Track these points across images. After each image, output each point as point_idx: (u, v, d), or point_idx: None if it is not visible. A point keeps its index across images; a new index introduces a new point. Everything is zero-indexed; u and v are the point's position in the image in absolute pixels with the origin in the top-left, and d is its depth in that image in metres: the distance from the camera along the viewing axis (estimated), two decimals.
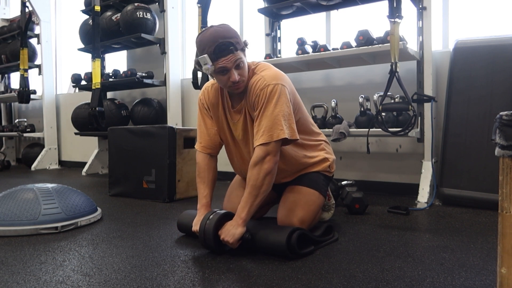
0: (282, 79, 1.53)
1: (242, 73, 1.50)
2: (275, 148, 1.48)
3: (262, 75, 1.52)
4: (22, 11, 4.89)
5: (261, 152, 1.47)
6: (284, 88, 1.51)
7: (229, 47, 1.43)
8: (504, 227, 0.81)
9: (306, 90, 3.22)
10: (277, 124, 1.46)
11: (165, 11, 3.86)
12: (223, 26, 1.49)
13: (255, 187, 1.46)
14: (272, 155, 1.47)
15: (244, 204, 1.46)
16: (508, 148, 0.78)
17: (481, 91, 2.35)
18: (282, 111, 1.48)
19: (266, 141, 1.46)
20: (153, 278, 1.28)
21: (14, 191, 1.99)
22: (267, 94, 1.48)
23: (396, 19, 2.22)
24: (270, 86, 1.49)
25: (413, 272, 1.30)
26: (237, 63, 1.47)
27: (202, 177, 1.68)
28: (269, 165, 1.47)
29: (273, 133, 1.46)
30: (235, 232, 1.43)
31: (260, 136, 1.48)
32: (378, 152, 2.90)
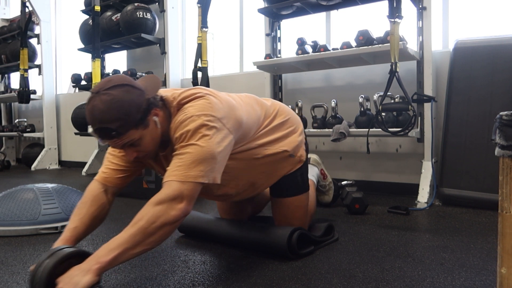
0: (213, 109, 1.21)
1: (142, 148, 1.21)
2: (191, 193, 1.14)
3: (187, 108, 1.22)
4: (22, 11, 4.89)
5: (172, 191, 1.12)
6: (215, 120, 1.20)
7: (110, 133, 1.13)
8: (504, 227, 0.81)
9: (306, 90, 3.22)
10: (198, 163, 1.15)
11: (165, 11, 3.86)
12: (106, 101, 1.11)
13: (144, 232, 1.07)
14: (186, 202, 1.13)
15: (115, 246, 1.05)
16: (508, 148, 0.78)
17: (481, 91, 2.35)
18: (208, 148, 1.16)
19: (180, 179, 1.13)
20: (153, 278, 1.28)
21: (14, 191, 1.99)
22: (190, 127, 1.17)
23: (396, 19, 2.22)
24: (194, 117, 1.18)
25: (413, 272, 1.30)
26: (128, 144, 1.18)
27: (79, 207, 1.30)
28: (176, 214, 1.11)
29: (191, 173, 1.14)
30: (80, 281, 0.99)
31: (174, 171, 1.15)
32: (378, 152, 2.90)
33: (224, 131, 1.22)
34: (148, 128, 1.19)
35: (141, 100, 1.16)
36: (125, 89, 1.14)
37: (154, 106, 1.20)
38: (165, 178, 1.16)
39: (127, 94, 1.13)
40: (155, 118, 1.21)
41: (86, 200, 1.32)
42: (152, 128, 1.21)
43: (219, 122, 1.21)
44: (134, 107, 1.14)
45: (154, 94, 1.22)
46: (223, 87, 3.65)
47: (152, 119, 1.20)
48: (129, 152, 1.22)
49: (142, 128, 1.18)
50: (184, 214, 1.14)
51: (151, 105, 1.19)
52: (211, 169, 1.17)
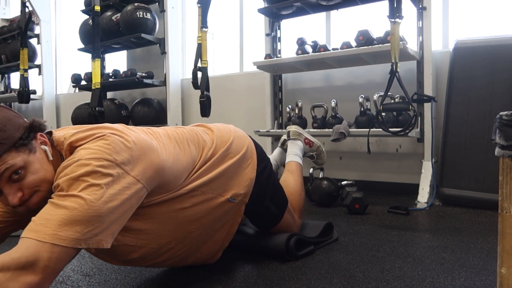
0: (111, 152, 0.91)
1: (28, 182, 0.89)
2: (53, 262, 0.80)
3: (78, 151, 0.92)
4: (22, 11, 4.88)
5: (24, 255, 0.78)
6: (110, 165, 0.89)
7: None
8: (504, 227, 0.81)
9: (306, 90, 3.22)
10: (77, 220, 0.82)
11: (165, 11, 3.86)
12: None
13: None
14: (40, 275, 0.79)
15: None
16: (508, 148, 0.78)
17: (481, 91, 2.35)
18: (93, 202, 0.84)
19: (42, 239, 0.79)
20: (153, 278, 1.28)
21: None
22: (73, 173, 0.86)
23: (396, 19, 2.22)
24: (81, 161, 0.88)
25: (413, 272, 1.30)
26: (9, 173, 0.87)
27: None
28: None
29: (60, 232, 0.80)
30: None
31: (37, 225, 0.82)
32: (378, 152, 2.90)
33: (126, 179, 0.91)
34: (35, 155, 0.91)
35: (20, 121, 0.92)
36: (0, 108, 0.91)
37: (39, 129, 0.95)
38: (24, 232, 0.82)
39: (2, 112, 0.90)
40: (44, 146, 0.95)
41: None
42: (42, 157, 0.93)
43: (119, 168, 0.90)
44: (11, 124, 0.89)
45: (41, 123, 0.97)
46: (223, 87, 3.65)
47: (39, 146, 0.94)
48: (11, 191, 0.88)
49: (26, 153, 0.89)
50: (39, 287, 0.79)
51: (35, 128, 0.94)
52: (93, 230, 0.84)
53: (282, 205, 1.44)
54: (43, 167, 0.92)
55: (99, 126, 1.00)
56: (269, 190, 1.37)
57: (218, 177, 1.19)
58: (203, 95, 2.91)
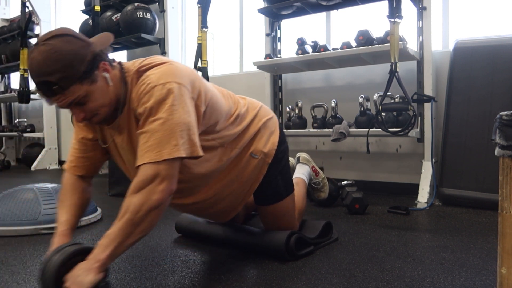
0: (176, 75, 1.12)
1: (91, 108, 1.10)
2: (169, 171, 1.06)
3: (148, 76, 1.12)
4: (22, 11, 4.88)
5: (148, 174, 1.05)
6: (180, 87, 1.10)
7: (51, 88, 1.02)
8: (504, 227, 0.81)
9: (306, 90, 3.22)
10: (170, 137, 1.05)
11: (165, 11, 3.86)
12: (44, 52, 1.01)
13: (132, 223, 1.03)
14: (166, 182, 1.06)
15: (109, 241, 1.03)
16: (508, 148, 0.78)
17: (481, 91, 2.35)
18: (177, 119, 1.07)
19: (154, 160, 1.05)
20: (153, 278, 1.28)
21: (14, 191, 1.99)
22: (155, 98, 1.07)
23: (396, 19, 2.22)
24: (158, 87, 1.08)
25: (413, 272, 1.30)
26: (74, 102, 1.07)
27: (62, 200, 1.27)
28: (159, 196, 1.05)
29: (164, 150, 1.05)
30: (84, 280, 1.00)
31: (146, 152, 1.06)
32: (378, 152, 2.90)
33: (190, 99, 1.13)
34: (96, 84, 1.08)
35: (86, 52, 1.06)
36: (65, 39, 1.04)
37: (102, 60, 1.10)
38: (137, 161, 1.07)
39: (69, 44, 1.03)
40: (105, 74, 1.10)
41: (66, 191, 1.29)
42: (102, 85, 1.10)
43: (185, 88, 1.11)
44: (77, 59, 1.03)
45: (103, 48, 1.12)
46: (223, 87, 3.63)
47: (101, 74, 1.09)
48: (76, 112, 1.10)
49: (88, 84, 1.06)
50: (168, 194, 1.07)
51: (98, 58, 1.08)
52: (185, 140, 1.08)
53: (289, 187, 1.51)
54: (102, 95, 1.11)
55: (157, 56, 1.21)
56: (282, 164, 1.48)
57: (244, 133, 1.37)
58: None
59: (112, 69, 1.14)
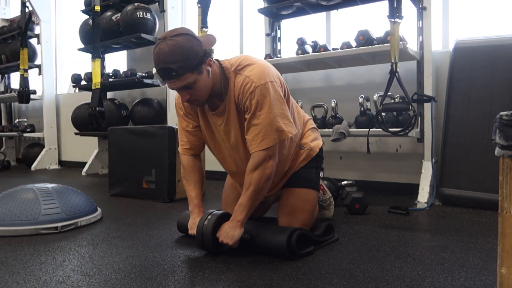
0: (269, 75, 1.44)
1: (194, 92, 1.42)
2: (274, 151, 1.45)
3: (248, 76, 1.43)
4: (22, 11, 4.89)
5: (261, 157, 1.43)
6: (274, 84, 1.43)
7: (171, 73, 1.35)
8: (504, 227, 0.81)
9: (306, 90, 3.22)
10: (275, 126, 1.42)
11: (165, 11, 3.86)
12: (170, 45, 1.33)
13: (256, 191, 1.43)
14: (272, 159, 1.45)
15: (243, 207, 1.44)
16: (508, 148, 0.78)
17: (481, 91, 2.35)
18: (278, 110, 1.43)
19: (264, 147, 1.42)
20: (153, 278, 1.28)
21: (14, 191, 1.99)
22: (259, 96, 1.41)
23: (396, 19, 2.22)
24: (260, 87, 1.41)
25: (413, 272, 1.30)
26: (185, 86, 1.39)
27: (188, 179, 1.65)
28: (270, 170, 1.44)
29: (272, 136, 1.42)
30: (234, 233, 1.42)
31: (260, 141, 1.42)
32: (378, 152, 2.90)
33: (280, 91, 1.45)
34: (202, 75, 1.39)
35: (199, 49, 1.36)
36: (187, 37, 1.35)
37: (209, 57, 1.40)
38: (250, 149, 1.45)
39: (188, 41, 1.34)
40: (209, 67, 1.41)
41: (188, 170, 1.65)
42: (205, 76, 1.41)
43: (276, 85, 1.44)
44: (193, 53, 1.34)
45: (210, 47, 1.42)
46: None
47: (206, 67, 1.40)
48: (183, 94, 1.42)
49: (197, 74, 1.37)
50: (275, 166, 1.46)
51: (207, 55, 1.39)
52: (285, 125, 1.44)
53: (317, 184, 1.73)
54: (204, 83, 1.42)
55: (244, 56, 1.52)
56: (317, 165, 1.75)
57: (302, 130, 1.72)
58: None
59: (214, 64, 1.45)
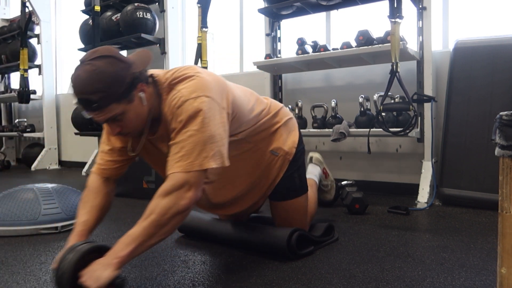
0: (208, 89, 1.18)
1: (125, 124, 1.17)
2: (198, 180, 1.13)
3: (179, 90, 1.18)
4: (22, 11, 4.89)
5: (178, 181, 1.11)
6: (211, 101, 1.16)
7: (91, 105, 1.10)
8: (504, 227, 0.81)
9: (306, 90, 3.22)
10: (201, 149, 1.12)
11: (165, 11, 3.86)
12: (88, 72, 1.08)
13: (157, 225, 1.08)
14: (193, 190, 1.12)
15: (131, 240, 1.06)
16: (508, 148, 0.78)
17: (481, 91, 2.35)
18: (210, 132, 1.14)
19: (185, 170, 1.11)
20: (153, 278, 1.28)
21: (14, 191, 1.99)
22: (187, 112, 1.14)
23: (397, 19, 2.22)
24: (190, 101, 1.15)
25: (413, 272, 1.30)
26: (111, 118, 1.14)
27: (86, 201, 1.31)
28: (186, 203, 1.11)
29: (195, 161, 1.11)
30: (101, 275, 1.02)
31: (178, 162, 1.12)
32: (378, 152, 2.90)
33: (220, 109, 1.20)
34: (133, 104, 1.15)
35: (126, 74, 1.12)
36: (109, 60, 1.11)
37: (140, 81, 1.16)
38: (168, 170, 1.13)
39: (111, 66, 1.10)
40: (141, 94, 1.17)
41: (90, 192, 1.33)
42: (137, 104, 1.17)
43: (214, 101, 1.18)
44: (117, 80, 1.10)
45: (142, 69, 1.18)
46: None
47: (137, 94, 1.16)
48: (112, 127, 1.18)
49: (126, 103, 1.14)
50: (194, 201, 1.13)
51: (137, 80, 1.15)
52: (215, 152, 1.15)
53: (304, 186, 1.57)
54: (136, 113, 1.18)
55: (187, 67, 1.25)
56: (298, 164, 1.55)
57: (266, 130, 1.46)
58: None
59: (148, 87, 1.20)
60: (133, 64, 1.15)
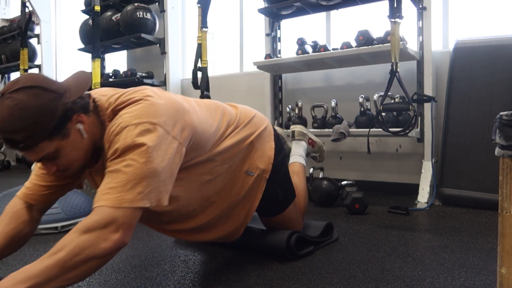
0: (157, 115, 1.00)
1: (62, 162, 1.01)
2: (127, 220, 0.92)
3: (122, 115, 1.00)
4: (22, 11, 4.89)
5: (104, 218, 0.91)
6: (155, 128, 0.98)
7: (17, 145, 0.94)
8: (504, 227, 0.80)
9: (306, 90, 3.22)
10: (136, 183, 0.93)
11: (165, 11, 3.86)
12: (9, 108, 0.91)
13: (63, 266, 0.87)
14: (121, 231, 0.92)
15: (24, 278, 0.85)
16: (508, 148, 0.78)
17: (481, 91, 2.35)
18: (148, 164, 0.94)
19: (114, 205, 0.91)
20: (153, 278, 1.28)
21: (14, 191, 1.99)
22: (125, 140, 0.96)
23: (397, 19, 2.22)
24: (130, 128, 0.96)
25: (413, 272, 1.30)
26: (44, 158, 0.99)
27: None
28: (108, 246, 0.90)
29: (126, 195, 0.92)
30: None
31: (106, 193, 0.93)
32: (378, 152, 2.90)
33: (168, 139, 1.00)
34: (69, 139, 0.99)
35: (56, 106, 0.94)
36: (33, 92, 0.93)
37: (75, 112, 0.99)
38: (94, 203, 0.94)
39: (36, 98, 0.92)
40: (79, 125, 1.00)
41: (3, 218, 1.14)
42: (75, 138, 1.00)
43: (161, 129, 0.99)
44: (45, 115, 0.93)
45: (79, 96, 1.01)
46: (223, 87, 3.65)
47: (74, 127, 0.99)
48: (47, 166, 1.02)
49: (59, 139, 0.97)
50: (119, 246, 0.92)
51: (71, 111, 0.98)
52: (153, 189, 0.95)
53: (289, 195, 1.48)
54: (74, 148, 1.02)
55: (137, 89, 1.08)
56: (280, 175, 1.42)
57: (237, 147, 1.28)
58: (203, 95, 2.92)
59: (88, 116, 1.03)
60: (65, 92, 0.97)
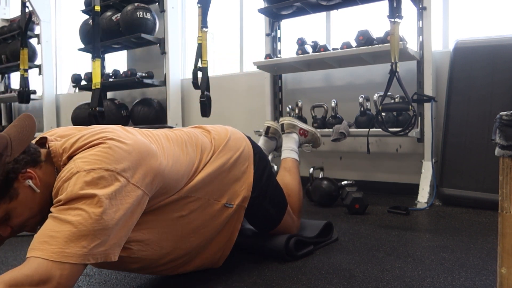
0: (110, 160, 0.89)
1: (16, 222, 0.94)
2: (66, 279, 0.80)
3: (75, 160, 0.90)
4: (22, 11, 4.88)
5: (38, 272, 0.78)
6: (111, 175, 0.88)
7: None
8: (504, 227, 0.81)
9: (306, 90, 3.22)
10: (80, 235, 0.81)
11: (165, 11, 3.86)
12: None
13: None
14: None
15: None
16: (508, 148, 0.78)
17: (481, 91, 2.35)
18: (99, 214, 0.83)
19: (51, 258, 0.79)
20: (153, 278, 1.28)
21: None
22: (74, 186, 0.85)
23: (396, 19, 2.22)
24: (81, 174, 0.86)
25: (413, 272, 1.30)
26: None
27: None
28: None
29: (67, 248, 0.80)
30: None
31: (44, 242, 0.81)
32: (378, 152, 2.90)
33: (127, 187, 0.90)
34: (17, 199, 0.90)
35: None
36: None
37: (20, 170, 0.90)
38: (29, 251, 0.81)
39: None
40: (28, 182, 0.91)
41: None
42: (25, 196, 0.92)
43: (119, 177, 0.89)
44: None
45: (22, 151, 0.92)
46: (223, 87, 3.65)
47: (22, 185, 0.91)
48: (1, 229, 0.94)
49: (7, 202, 0.89)
50: None
51: (13, 172, 0.89)
52: (100, 243, 0.84)
53: (281, 208, 1.43)
54: (27, 207, 0.93)
55: (99, 131, 0.97)
56: (268, 192, 1.36)
57: (212, 177, 1.17)
58: (203, 95, 2.91)
59: (39, 168, 0.94)
60: (5, 150, 0.88)
